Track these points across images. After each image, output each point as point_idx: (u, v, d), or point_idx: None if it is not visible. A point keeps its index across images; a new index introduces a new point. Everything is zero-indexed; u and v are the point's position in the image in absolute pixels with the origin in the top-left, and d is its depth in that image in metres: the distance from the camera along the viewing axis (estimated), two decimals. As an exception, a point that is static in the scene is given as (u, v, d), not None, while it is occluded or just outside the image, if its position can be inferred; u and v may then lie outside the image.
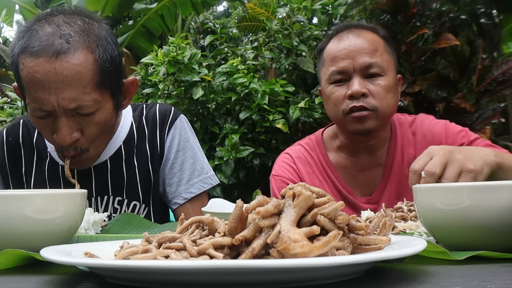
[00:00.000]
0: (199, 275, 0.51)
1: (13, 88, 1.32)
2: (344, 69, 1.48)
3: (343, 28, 1.58)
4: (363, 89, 1.45)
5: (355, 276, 0.56)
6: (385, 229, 0.64)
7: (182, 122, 1.48)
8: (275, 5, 4.00)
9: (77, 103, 1.17)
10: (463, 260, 0.65)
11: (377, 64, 1.47)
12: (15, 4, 5.63)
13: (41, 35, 1.17)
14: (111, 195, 1.41)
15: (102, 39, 1.23)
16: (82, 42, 1.18)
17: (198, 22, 6.44)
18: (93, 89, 1.19)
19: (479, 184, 0.72)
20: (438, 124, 1.58)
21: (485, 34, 4.51)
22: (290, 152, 1.66)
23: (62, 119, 1.19)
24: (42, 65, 1.14)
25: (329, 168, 1.60)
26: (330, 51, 1.53)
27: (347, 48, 1.50)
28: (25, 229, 0.76)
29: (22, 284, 0.59)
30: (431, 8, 4.25)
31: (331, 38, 1.58)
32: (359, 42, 1.50)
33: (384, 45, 1.54)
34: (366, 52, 1.48)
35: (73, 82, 1.16)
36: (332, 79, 1.50)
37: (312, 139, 1.68)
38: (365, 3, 4.19)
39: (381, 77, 1.48)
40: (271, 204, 0.55)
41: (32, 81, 1.16)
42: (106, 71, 1.21)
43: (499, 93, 4.15)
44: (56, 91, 1.15)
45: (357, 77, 1.47)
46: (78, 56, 1.17)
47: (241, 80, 3.67)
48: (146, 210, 1.44)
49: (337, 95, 1.50)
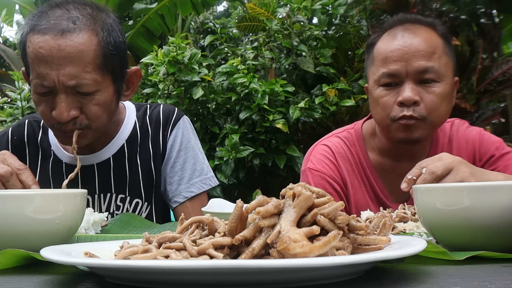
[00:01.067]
0: (199, 275, 0.51)
1: (22, 74, 1.36)
2: (396, 72, 1.36)
3: (398, 23, 1.44)
4: (415, 96, 1.33)
5: (355, 276, 0.56)
6: (385, 229, 0.64)
7: (185, 123, 1.51)
8: (275, 5, 4.00)
9: (77, 80, 1.20)
10: (463, 260, 0.65)
11: (433, 69, 1.34)
12: (15, 4, 5.63)
13: (50, 16, 1.23)
14: (113, 192, 1.43)
15: (108, 25, 1.28)
16: (88, 24, 1.24)
17: (198, 22, 6.44)
18: (94, 69, 1.22)
19: (479, 184, 0.72)
20: (473, 131, 1.51)
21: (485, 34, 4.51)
22: (329, 145, 1.52)
23: (61, 96, 1.22)
24: (47, 41, 1.19)
25: (369, 169, 1.50)
26: (381, 50, 1.40)
27: (401, 49, 1.36)
28: (25, 229, 0.76)
29: (22, 284, 0.59)
30: (431, 8, 4.25)
31: (383, 33, 1.45)
32: (415, 42, 1.36)
33: (444, 45, 1.40)
34: (422, 55, 1.34)
35: (74, 59, 1.20)
36: (382, 82, 1.38)
37: (352, 133, 1.55)
38: (365, 3, 4.19)
39: (436, 84, 1.35)
40: (271, 204, 0.55)
41: (36, 56, 1.20)
42: (109, 54, 1.25)
43: (499, 93, 4.15)
44: (58, 67, 1.19)
45: (410, 82, 1.35)
46: (83, 36, 1.21)
47: (241, 80, 3.67)
48: (148, 208, 1.46)
49: (386, 100, 1.38)
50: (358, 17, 4.33)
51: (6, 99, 5.30)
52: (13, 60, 5.56)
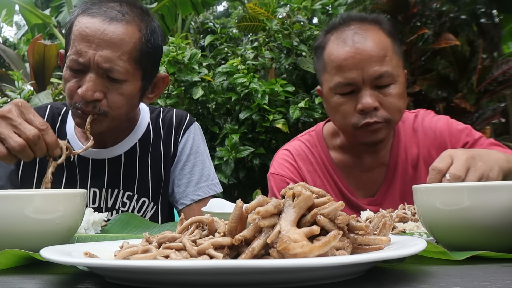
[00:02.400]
0: (199, 275, 0.51)
1: (59, 56, 1.41)
2: (352, 81, 1.35)
3: (343, 24, 1.43)
4: (374, 103, 1.34)
5: (355, 276, 0.56)
6: (385, 229, 0.64)
7: (196, 129, 1.56)
8: (275, 5, 4.00)
9: (111, 64, 1.26)
10: (463, 260, 0.65)
11: (387, 73, 1.35)
12: (15, 4, 5.63)
13: (103, 5, 1.33)
14: (121, 189, 1.45)
15: (152, 26, 1.36)
16: (135, 20, 1.32)
17: (198, 22, 6.43)
18: (128, 59, 1.28)
19: (479, 184, 0.72)
20: (439, 121, 1.52)
21: (485, 34, 4.51)
22: (290, 148, 1.57)
23: (92, 75, 1.26)
24: (95, 23, 1.27)
25: (331, 167, 1.53)
26: (333, 57, 1.39)
27: (354, 56, 1.35)
28: (25, 229, 0.76)
29: (22, 284, 0.59)
30: (431, 8, 4.25)
31: (329, 33, 1.44)
32: (367, 47, 1.35)
33: (392, 44, 1.41)
34: (375, 61, 1.35)
35: (114, 45, 1.26)
36: (339, 91, 1.38)
37: (313, 135, 1.59)
38: (365, 3, 4.20)
39: (392, 85, 1.37)
40: (271, 204, 0.55)
41: (80, 34, 1.27)
42: (146, 51, 1.32)
43: (499, 93, 4.15)
44: (97, 48, 1.25)
45: (367, 88, 1.35)
46: (128, 28, 1.29)
47: (241, 80, 3.67)
48: (154, 208, 1.48)
49: (345, 108, 1.38)
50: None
51: (6, 99, 5.29)
52: (13, 60, 5.56)
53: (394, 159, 1.49)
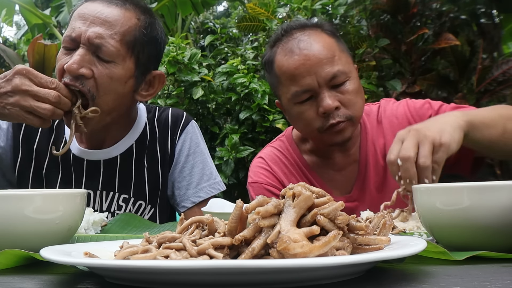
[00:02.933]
0: (199, 275, 0.51)
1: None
2: (309, 87, 1.36)
3: (285, 34, 1.44)
4: (334, 103, 1.35)
5: (355, 276, 0.56)
6: (385, 229, 0.64)
7: (193, 127, 1.52)
8: (275, 5, 4.00)
9: (101, 41, 1.26)
10: (463, 260, 0.65)
11: (340, 71, 1.36)
12: (15, 4, 5.63)
13: None
14: (117, 191, 1.42)
15: (151, 20, 1.36)
16: (135, 9, 1.34)
17: (198, 22, 6.43)
18: (121, 40, 1.28)
19: (479, 184, 0.72)
20: (399, 106, 1.52)
21: (485, 34, 4.51)
22: (263, 155, 1.58)
23: (81, 50, 1.26)
24: (93, 5, 1.31)
25: (306, 168, 1.53)
26: (284, 68, 1.39)
27: (305, 62, 1.36)
28: (25, 229, 0.76)
29: (22, 284, 0.59)
30: (431, 8, 4.25)
31: (274, 46, 1.44)
32: (315, 51, 1.37)
33: (337, 43, 1.42)
34: (325, 62, 1.36)
35: (107, 23, 1.27)
36: (298, 100, 1.39)
37: (284, 140, 1.60)
38: (365, 3, 4.19)
39: (347, 82, 1.38)
40: (271, 204, 0.55)
41: (78, 14, 1.30)
42: (141, 39, 1.32)
43: (499, 93, 4.15)
44: (90, 25, 1.27)
45: (325, 91, 1.36)
46: (124, 13, 1.31)
47: (241, 80, 3.67)
48: (152, 211, 1.45)
49: (307, 115, 1.39)
50: (358, 17, 4.33)
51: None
52: (13, 60, 5.55)
53: (364, 154, 1.50)
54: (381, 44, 3.70)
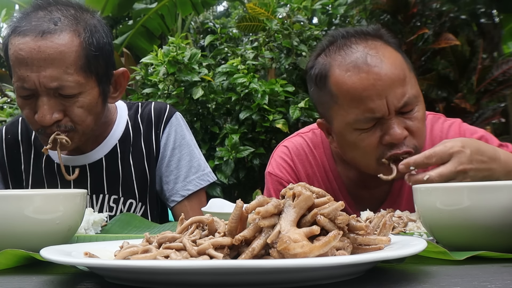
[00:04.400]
0: (199, 275, 0.51)
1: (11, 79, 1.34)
2: (379, 114, 1.14)
3: (341, 42, 1.21)
4: (404, 132, 1.15)
5: (355, 276, 0.56)
6: (385, 229, 0.64)
7: (178, 119, 1.47)
8: (275, 5, 4.00)
9: (58, 82, 1.18)
10: (463, 260, 0.65)
11: (411, 97, 1.16)
12: (15, 4, 5.63)
13: (32, 17, 1.21)
14: (106, 193, 1.41)
15: (91, 25, 1.25)
16: (70, 25, 1.21)
17: (198, 22, 6.43)
18: (76, 70, 1.20)
19: (479, 184, 0.72)
20: (450, 129, 1.34)
21: (485, 34, 4.51)
22: (289, 146, 1.41)
23: (43, 99, 1.20)
24: (28, 43, 1.18)
25: (333, 174, 1.36)
26: (347, 87, 1.16)
27: (375, 83, 1.13)
28: (25, 229, 0.76)
29: (22, 284, 0.59)
30: (431, 8, 4.25)
31: (327, 56, 1.22)
32: (387, 70, 1.14)
33: (405, 61, 1.21)
34: (397, 86, 1.14)
35: (55, 61, 1.18)
36: (360, 126, 1.17)
37: (317, 134, 1.40)
38: (365, 3, 4.19)
39: (415, 108, 1.18)
40: (271, 204, 0.55)
41: (17, 58, 1.19)
42: (92, 55, 1.22)
43: (499, 93, 4.16)
44: (38, 69, 1.17)
45: (393, 117, 1.15)
46: (64, 37, 1.19)
47: (241, 80, 3.67)
48: (143, 208, 1.44)
49: (368, 143, 1.18)
50: (358, 17, 4.33)
51: (6, 99, 5.29)
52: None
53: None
54: (381, 44, 3.70)
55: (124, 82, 1.36)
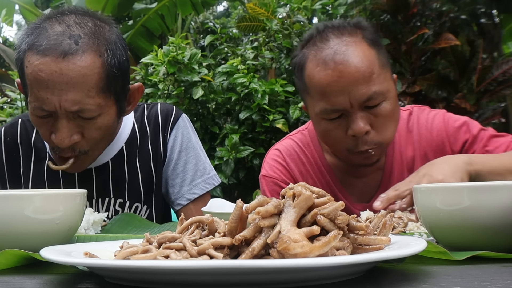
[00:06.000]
0: (199, 275, 0.51)
1: (16, 84, 1.30)
2: (339, 107, 1.24)
3: (320, 37, 1.28)
4: (365, 126, 1.24)
5: (355, 276, 0.56)
6: (385, 229, 0.64)
7: (184, 122, 1.47)
8: (275, 5, 4.00)
9: (80, 106, 1.15)
10: (463, 260, 0.65)
11: (376, 93, 1.23)
12: (15, 4, 5.64)
13: (50, 33, 1.15)
14: (112, 197, 1.40)
15: (111, 43, 1.21)
16: (91, 44, 1.17)
17: (198, 22, 6.43)
18: (97, 93, 1.17)
19: (479, 184, 0.72)
20: (435, 119, 1.42)
21: (485, 34, 4.51)
22: (281, 148, 1.47)
23: (62, 121, 1.17)
24: (48, 64, 1.13)
25: (325, 169, 1.43)
26: (315, 81, 1.26)
27: (338, 80, 1.22)
28: (25, 229, 0.76)
29: (22, 284, 0.59)
30: (431, 8, 4.25)
31: (306, 48, 1.30)
32: (352, 67, 1.22)
33: (377, 56, 1.28)
34: (361, 82, 1.22)
35: (77, 84, 1.14)
36: (326, 117, 1.28)
37: (305, 134, 1.48)
38: (365, 3, 4.20)
39: (382, 103, 1.25)
40: (271, 204, 0.55)
41: (36, 79, 1.14)
42: (112, 76, 1.19)
43: (499, 93, 4.16)
44: (60, 92, 1.14)
45: (357, 111, 1.24)
46: (86, 59, 1.15)
47: (241, 80, 3.67)
48: (148, 211, 1.43)
49: (336, 133, 1.28)
50: (358, 17, 4.33)
51: (6, 99, 5.29)
52: (13, 60, 5.56)
53: (390, 163, 1.41)
54: (381, 44, 3.70)
55: (138, 97, 1.34)
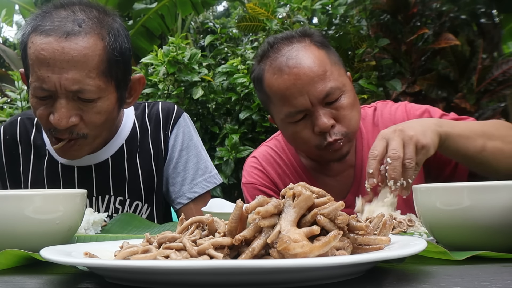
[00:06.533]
0: (199, 275, 0.51)
1: (20, 75, 1.31)
2: (302, 107, 1.31)
3: (272, 49, 1.37)
4: (330, 121, 1.30)
5: (355, 276, 0.56)
6: (385, 229, 0.64)
7: (186, 120, 1.47)
8: (275, 5, 4.00)
9: (80, 86, 1.16)
10: (463, 260, 0.65)
11: (333, 88, 1.30)
12: (15, 4, 5.63)
13: (54, 17, 1.19)
14: (112, 194, 1.39)
15: (114, 29, 1.23)
16: (94, 28, 1.19)
17: (198, 22, 6.43)
18: (98, 75, 1.18)
19: (479, 184, 0.72)
20: (398, 110, 1.47)
21: (485, 34, 4.51)
22: (257, 155, 1.54)
23: (61, 101, 1.17)
24: (51, 43, 1.15)
25: (301, 170, 1.50)
26: (274, 88, 1.34)
27: (295, 83, 1.30)
28: (25, 229, 0.76)
29: (22, 284, 0.59)
30: (431, 8, 4.25)
31: (262, 62, 1.39)
32: (305, 69, 1.30)
33: (327, 55, 1.36)
34: (317, 80, 1.30)
35: (78, 63, 1.15)
36: (291, 120, 1.34)
37: (279, 140, 1.55)
38: (365, 3, 4.19)
39: (341, 97, 1.33)
40: (271, 204, 0.55)
41: (38, 58, 1.15)
42: (114, 60, 1.21)
43: (499, 93, 4.15)
44: (60, 71, 1.15)
45: (319, 109, 1.31)
46: (88, 40, 1.17)
47: (241, 80, 3.67)
48: (149, 210, 1.43)
49: (303, 134, 1.35)
50: (358, 17, 4.33)
51: (6, 99, 5.29)
52: (13, 60, 5.56)
53: (360, 159, 1.46)
54: (381, 44, 3.70)
55: (139, 88, 1.35)
